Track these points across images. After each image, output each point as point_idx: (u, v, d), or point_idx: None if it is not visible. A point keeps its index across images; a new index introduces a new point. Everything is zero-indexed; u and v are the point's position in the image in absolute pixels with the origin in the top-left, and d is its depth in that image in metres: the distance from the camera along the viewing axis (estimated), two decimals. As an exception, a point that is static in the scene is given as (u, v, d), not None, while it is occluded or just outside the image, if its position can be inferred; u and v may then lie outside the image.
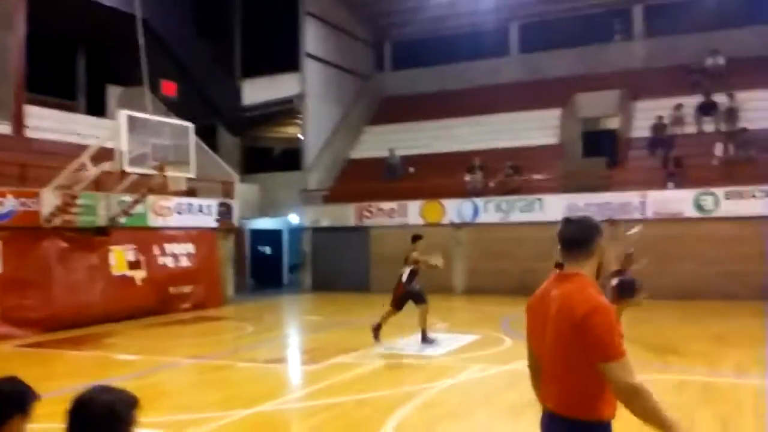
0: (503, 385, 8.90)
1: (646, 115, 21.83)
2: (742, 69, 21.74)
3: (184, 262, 17.70)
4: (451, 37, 27.52)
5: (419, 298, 11.87)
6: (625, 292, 10.98)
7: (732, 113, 20.50)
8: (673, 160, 19.39)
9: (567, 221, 3.13)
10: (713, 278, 17.61)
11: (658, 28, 25.10)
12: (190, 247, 17.91)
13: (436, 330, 13.64)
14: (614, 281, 11.02)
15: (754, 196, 17.80)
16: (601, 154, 22.12)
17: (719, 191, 18.10)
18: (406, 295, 11.87)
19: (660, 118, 21.16)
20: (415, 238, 12.16)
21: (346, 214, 22.54)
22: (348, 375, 9.49)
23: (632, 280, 11.22)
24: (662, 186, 19.02)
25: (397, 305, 11.95)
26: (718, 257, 17.72)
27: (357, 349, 11.35)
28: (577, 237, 3.06)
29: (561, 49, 25.97)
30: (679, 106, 21.26)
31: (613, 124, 23.42)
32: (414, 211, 21.62)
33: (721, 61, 22.48)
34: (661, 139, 20.56)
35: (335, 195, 23.42)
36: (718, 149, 19.31)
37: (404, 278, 11.86)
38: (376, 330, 11.89)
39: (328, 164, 24.87)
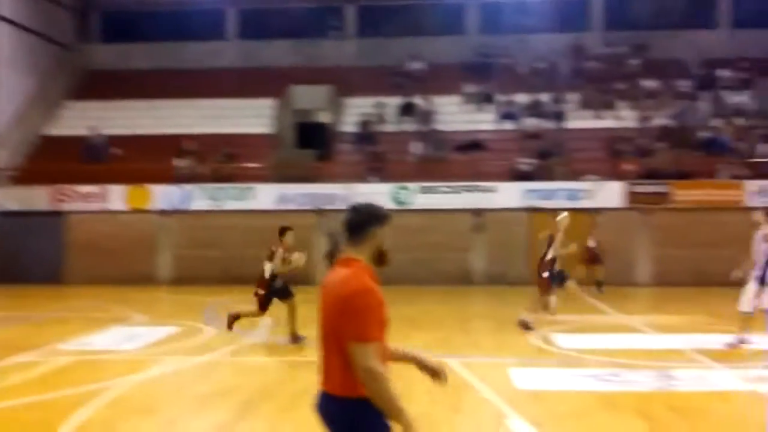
0: (197, 377, 8.71)
1: (355, 111, 22.96)
2: (439, 75, 23.85)
3: None
4: (168, 14, 26.34)
5: (285, 294, 10.61)
6: (555, 281, 11.78)
7: (428, 115, 22.39)
8: (375, 156, 20.65)
9: (350, 209, 3.27)
10: (406, 265, 19.09)
11: (368, 29, 26.50)
12: None
13: (134, 323, 12.96)
14: (545, 274, 11.64)
15: (443, 191, 19.64)
16: (312, 146, 22.80)
17: (414, 186, 19.67)
18: (270, 295, 10.53)
19: (366, 115, 22.37)
20: (283, 230, 10.53)
21: (39, 198, 20.41)
22: (29, 375, 8.59)
23: (561, 270, 11.88)
24: (365, 179, 20.13)
25: (262, 307, 10.56)
26: (411, 245, 19.25)
27: (42, 346, 10.32)
28: (354, 224, 3.22)
29: (279, 39, 26.22)
30: (380, 105, 22.62)
31: (325, 117, 24.25)
32: (118, 196, 20.32)
33: (421, 65, 24.40)
34: (366, 135, 21.75)
35: (26, 176, 21.06)
36: (415, 147, 20.97)
37: (267, 275, 10.46)
38: (232, 320, 10.63)
39: (19, 141, 22.23)
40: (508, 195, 19.54)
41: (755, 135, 20.62)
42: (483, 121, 22.52)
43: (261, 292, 10.46)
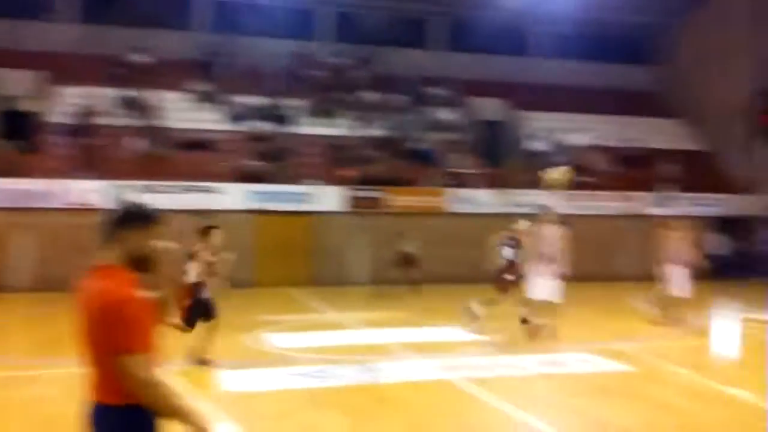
0: None
1: (69, 102, 21.15)
2: (163, 69, 22.87)
3: None
4: None
5: (209, 311, 8.78)
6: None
7: (151, 110, 21.40)
8: (90, 150, 19.23)
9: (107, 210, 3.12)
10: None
11: (88, 15, 24.58)
12: None
13: None
14: (509, 276, 11.35)
15: (165, 191, 18.86)
16: (16, 137, 20.65)
17: (133, 184, 18.65)
18: (195, 306, 8.68)
19: (81, 106, 20.74)
20: (207, 229, 8.99)
21: None
22: None
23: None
24: (80, 175, 18.66)
25: (187, 321, 8.57)
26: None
27: None
28: (104, 225, 3.05)
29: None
30: (98, 96, 21.14)
31: (32, 106, 22.00)
32: None
33: (146, 58, 23.21)
34: (80, 127, 20.15)
35: None
36: (136, 143, 19.92)
37: (190, 280, 8.72)
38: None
39: None
40: (233, 196, 19.41)
41: (459, 148, 22.90)
42: (210, 120, 22.11)
43: (185, 303, 8.64)
